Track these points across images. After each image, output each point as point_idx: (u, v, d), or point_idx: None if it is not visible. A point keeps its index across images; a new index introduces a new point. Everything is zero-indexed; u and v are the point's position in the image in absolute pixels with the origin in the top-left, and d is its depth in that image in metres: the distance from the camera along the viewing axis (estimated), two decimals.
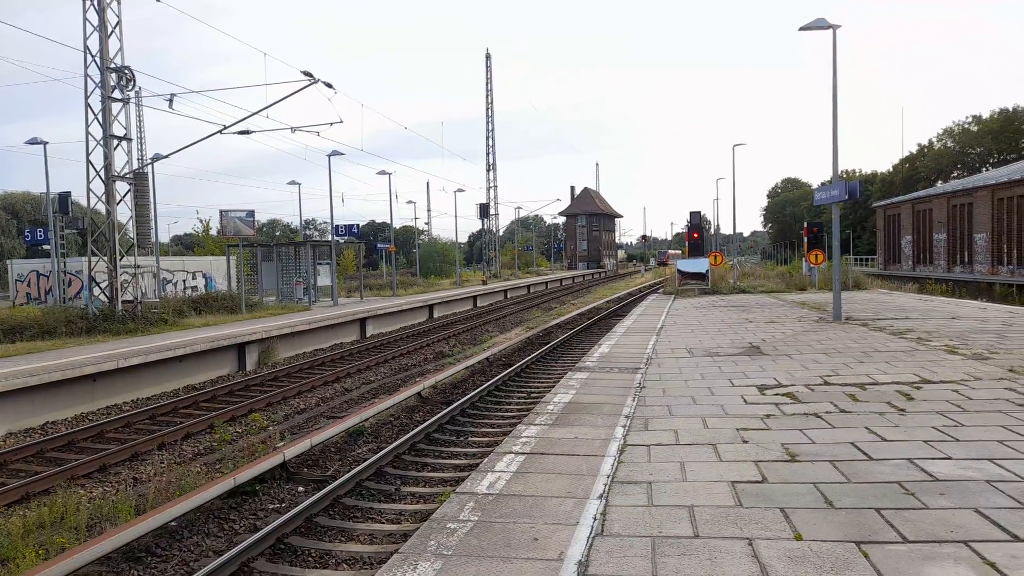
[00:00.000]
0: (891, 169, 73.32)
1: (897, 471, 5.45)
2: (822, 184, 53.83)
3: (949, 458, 5.72)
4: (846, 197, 15.98)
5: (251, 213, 32.37)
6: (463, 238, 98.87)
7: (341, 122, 23.21)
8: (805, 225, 25.25)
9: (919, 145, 70.72)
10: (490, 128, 62.72)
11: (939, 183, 58.38)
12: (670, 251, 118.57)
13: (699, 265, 29.43)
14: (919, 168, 66.08)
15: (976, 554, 3.98)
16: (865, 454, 5.92)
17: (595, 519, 4.71)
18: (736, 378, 9.72)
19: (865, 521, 4.50)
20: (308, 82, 21.00)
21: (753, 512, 4.73)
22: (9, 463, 9.65)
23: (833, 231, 17.28)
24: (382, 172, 41.38)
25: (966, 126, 66.32)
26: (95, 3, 19.55)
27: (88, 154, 20.15)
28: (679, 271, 30.89)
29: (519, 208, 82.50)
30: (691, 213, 31.69)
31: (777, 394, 8.53)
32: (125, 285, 21.07)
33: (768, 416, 7.41)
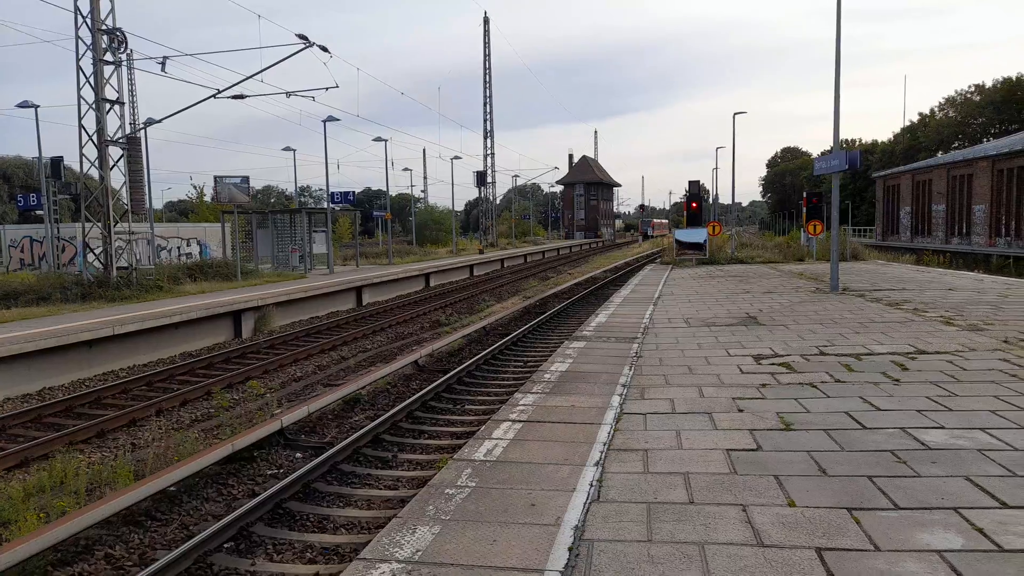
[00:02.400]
0: (892, 139, 72.90)
1: (890, 440, 5.50)
2: (822, 154, 53.58)
3: (942, 427, 5.77)
4: (846, 167, 15.90)
5: (246, 179, 32.21)
6: (460, 206, 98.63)
7: (337, 87, 22.97)
8: (804, 195, 25.17)
9: (920, 115, 70.29)
10: (488, 94, 62.00)
11: (940, 154, 58.07)
12: (655, 220, 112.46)
13: (697, 235, 29.35)
14: (920, 138, 65.67)
15: (966, 520, 4.03)
16: (859, 423, 5.97)
17: (592, 485, 4.76)
18: (733, 348, 9.76)
19: (858, 488, 4.55)
20: (303, 45, 20.71)
21: (748, 479, 4.78)
22: (8, 428, 9.68)
23: (833, 201, 17.22)
24: (378, 139, 41.04)
25: (968, 95, 65.79)
26: None
27: (80, 118, 19.91)
28: (677, 241, 30.84)
29: (516, 176, 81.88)
30: (690, 182, 31.53)
31: (773, 364, 8.57)
32: (120, 251, 20.98)
33: (764, 386, 7.46)
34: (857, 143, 79.58)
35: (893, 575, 3.46)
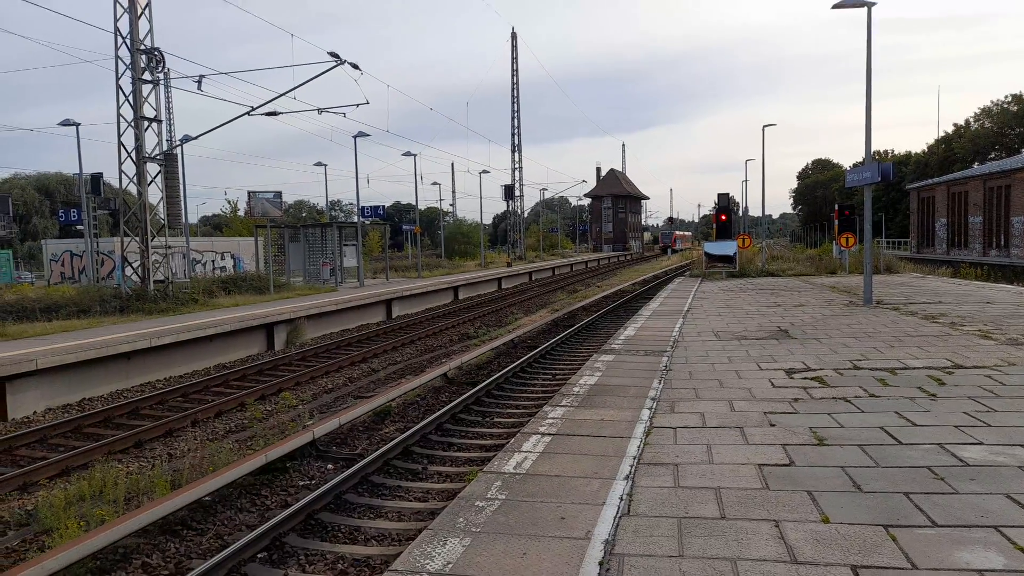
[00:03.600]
0: (926, 150, 71.59)
1: (927, 456, 5.40)
2: (854, 165, 52.85)
3: (980, 443, 5.66)
4: (879, 179, 15.68)
5: (278, 194, 32.68)
6: (488, 220, 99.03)
7: (367, 103, 23.24)
8: (836, 207, 24.82)
9: (955, 125, 68.85)
10: (515, 109, 62.34)
11: (975, 165, 56.91)
12: (678, 232, 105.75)
13: (727, 248, 29.11)
14: (955, 149, 64.40)
15: (1007, 539, 3.95)
16: (895, 438, 5.87)
17: (622, 499, 4.75)
18: (764, 362, 9.67)
19: (893, 505, 4.48)
20: (334, 63, 21.05)
21: (780, 495, 4.73)
22: (49, 438, 9.94)
23: (865, 213, 17.00)
24: (407, 153, 41.45)
25: (1005, 105, 64.42)
26: None
27: (120, 136, 20.46)
28: (706, 254, 30.61)
29: (544, 189, 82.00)
30: (719, 195, 31.28)
31: (805, 378, 8.47)
32: (156, 265, 21.45)
33: (796, 400, 7.37)
34: (890, 154, 78.33)
35: None
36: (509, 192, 60.55)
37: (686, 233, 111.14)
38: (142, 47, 20.04)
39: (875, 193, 42.04)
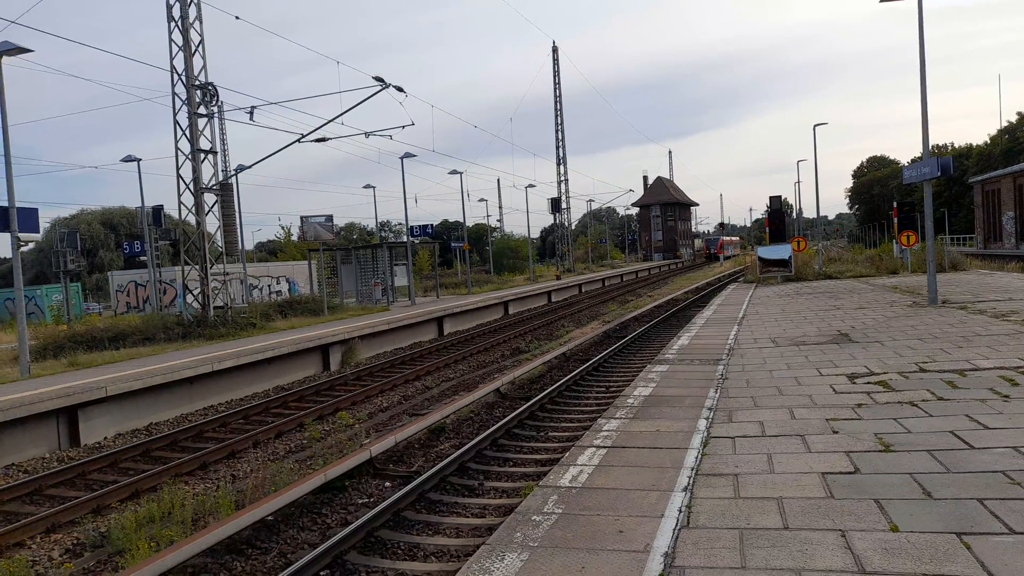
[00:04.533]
0: (988, 141, 68.95)
1: (1001, 460, 5.17)
2: (911, 161, 51.21)
3: None
4: (938, 174, 15.18)
5: (330, 218, 33.28)
6: (535, 233, 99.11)
7: (412, 124, 23.77)
8: (895, 205, 24.10)
9: (1019, 114, 66.21)
10: (559, 122, 62.46)
11: None
12: (724, 238, 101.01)
13: (781, 251, 28.51)
14: (1020, 139, 61.85)
15: None
16: (966, 443, 5.63)
17: (680, 511, 4.67)
18: (824, 367, 9.41)
19: (967, 512, 4.29)
20: (380, 87, 21.53)
21: (845, 503, 4.59)
22: (119, 462, 10.31)
23: (925, 210, 16.44)
24: (454, 171, 41.88)
25: None
26: (179, 24, 20.61)
27: (178, 168, 21.28)
28: (760, 258, 30.02)
29: (591, 201, 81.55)
30: (771, 198, 30.67)
31: (869, 383, 8.21)
32: (216, 292, 22.13)
33: (859, 406, 7.15)
34: (950, 148, 75.75)
35: None
36: (556, 205, 60.57)
37: (734, 238, 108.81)
38: (196, 83, 20.83)
39: (936, 188, 40.56)
